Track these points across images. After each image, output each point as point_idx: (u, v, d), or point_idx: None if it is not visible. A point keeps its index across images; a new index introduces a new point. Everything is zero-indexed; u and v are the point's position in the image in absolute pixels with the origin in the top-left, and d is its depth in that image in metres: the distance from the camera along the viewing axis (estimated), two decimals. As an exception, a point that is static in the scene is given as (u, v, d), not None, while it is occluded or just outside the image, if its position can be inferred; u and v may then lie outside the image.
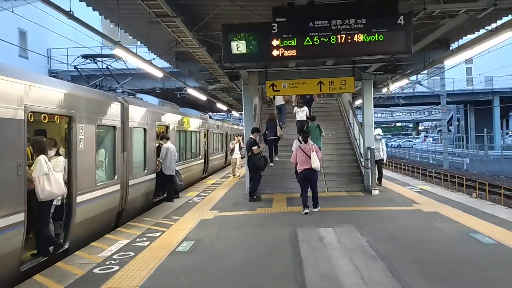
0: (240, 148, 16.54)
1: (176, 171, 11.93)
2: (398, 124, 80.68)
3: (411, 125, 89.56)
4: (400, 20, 6.42)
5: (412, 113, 64.06)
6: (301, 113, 13.99)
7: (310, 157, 9.11)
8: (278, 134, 13.14)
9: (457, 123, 51.81)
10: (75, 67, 11.82)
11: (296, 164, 9.48)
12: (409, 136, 78.74)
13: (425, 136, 72.81)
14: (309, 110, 14.49)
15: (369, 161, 11.64)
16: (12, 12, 15.49)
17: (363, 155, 12.46)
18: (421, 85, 31.29)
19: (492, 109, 39.13)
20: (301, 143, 9.58)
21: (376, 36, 6.49)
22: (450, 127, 47.90)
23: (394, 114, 66.92)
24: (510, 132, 51.56)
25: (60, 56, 22.69)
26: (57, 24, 15.94)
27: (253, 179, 11.26)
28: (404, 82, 14.73)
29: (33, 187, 6.49)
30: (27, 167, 6.82)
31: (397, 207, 9.69)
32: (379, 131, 13.04)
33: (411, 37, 6.50)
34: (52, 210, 6.78)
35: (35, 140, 6.74)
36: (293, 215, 9.18)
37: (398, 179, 15.22)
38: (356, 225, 7.82)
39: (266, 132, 13.17)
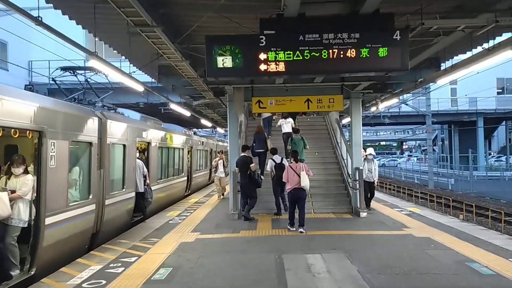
0: (224, 166, 15.42)
1: (147, 188, 11.41)
2: (382, 143, 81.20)
3: (395, 144, 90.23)
4: (396, 36, 6.10)
5: (396, 132, 64.50)
6: (287, 125, 13.88)
7: (300, 176, 9.22)
8: (268, 147, 12.79)
9: (441, 143, 52.21)
10: (53, 79, 11.35)
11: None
12: (393, 155, 79.20)
13: (409, 156, 73.23)
14: (294, 122, 14.47)
15: (357, 182, 11.25)
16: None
17: (351, 176, 12.09)
18: (406, 104, 31.38)
19: (476, 130, 39.48)
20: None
21: (371, 52, 6.15)
22: (434, 147, 48.18)
23: (378, 133, 67.30)
24: (492, 153, 52.09)
25: (42, 69, 22.12)
26: (39, 36, 15.47)
27: (251, 198, 10.97)
28: (393, 101, 14.51)
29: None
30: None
31: (388, 231, 9.30)
32: (371, 150, 12.48)
33: (407, 53, 6.18)
34: (17, 233, 6.23)
35: None
36: (278, 238, 8.73)
37: (386, 200, 14.89)
38: (345, 251, 7.39)
39: (254, 144, 12.95)
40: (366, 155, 12.14)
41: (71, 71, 10.96)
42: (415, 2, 6.76)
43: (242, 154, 11.50)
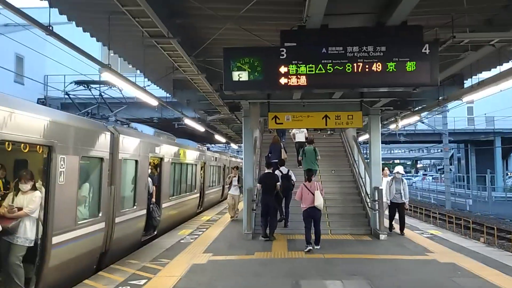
0: (238, 182, 14.09)
1: (154, 205, 11.12)
2: (397, 161, 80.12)
3: (409, 163, 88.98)
4: (426, 49, 5.73)
5: (411, 151, 63.52)
6: (300, 134, 13.95)
7: (314, 195, 9.28)
8: (282, 157, 12.80)
9: (457, 162, 51.19)
10: (66, 93, 11.20)
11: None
12: (408, 174, 78.02)
13: (424, 175, 72.05)
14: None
15: (377, 202, 10.79)
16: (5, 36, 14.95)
17: (369, 195, 11.63)
18: (422, 122, 30.80)
19: (494, 150, 38.59)
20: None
21: (398, 65, 5.79)
22: (450, 166, 47.25)
23: (393, 151, 66.41)
24: (510, 173, 50.86)
25: (57, 83, 22.21)
26: (55, 50, 15.51)
27: (273, 217, 10.69)
28: (414, 119, 14.05)
29: (5, 225, 5.71)
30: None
31: (410, 255, 8.81)
32: (399, 169, 11.56)
33: (437, 68, 5.80)
34: (23, 252, 5.93)
35: None
36: (295, 261, 8.31)
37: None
38: (367, 278, 6.94)
39: (269, 155, 12.99)
40: (394, 174, 11.44)
41: (85, 85, 10.79)
42: (444, 14, 6.44)
43: (267, 170, 11.19)
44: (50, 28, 5.29)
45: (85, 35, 8.10)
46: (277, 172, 11.41)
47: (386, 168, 11.63)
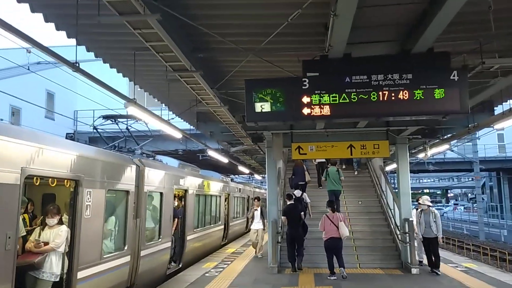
0: (262, 215, 12.99)
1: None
2: (426, 190, 77.97)
3: (439, 192, 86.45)
4: (454, 76, 5.59)
5: (441, 180, 61.76)
6: None
7: (337, 226, 9.55)
8: (306, 179, 13.14)
9: (489, 191, 49.42)
10: (94, 127, 11.43)
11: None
12: (439, 204, 75.66)
13: (455, 204, 69.69)
14: None
15: (407, 234, 10.40)
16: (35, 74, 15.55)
17: (399, 227, 11.24)
18: (452, 151, 30.02)
19: (527, 177, 37.15)
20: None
21: (426, 93, 5.65)
22: (482, 196, 45.61)
23: (422, 180, 64.73)
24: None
25: (86, 118, 22.86)
26: (84, 87, 16.01)
27: (301, 247, 10.64)
28: (443, 147, 13.65)
29: (31, 260, 5.72)
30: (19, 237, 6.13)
31: (445, 291, 8.37)
32: (425, 199, 10.53)
33: (467, 94, 5.63)
34: (48, 288, 5.92)
35: None
36: (323, 297, 7.99)
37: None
38: (400, 316, 6.57)
39: (293, 177, 13.13)
40: (420, 205, 10.52)
41: (113, 119, 11.00)
42: (472, 40, 6.33)
43: (289, 202, 11.02)
44: (77, 64, 5.43)
45: (114, 71, 8.33)
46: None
47: (422, 198, 10.59)
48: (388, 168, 18.20)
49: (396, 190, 12.29)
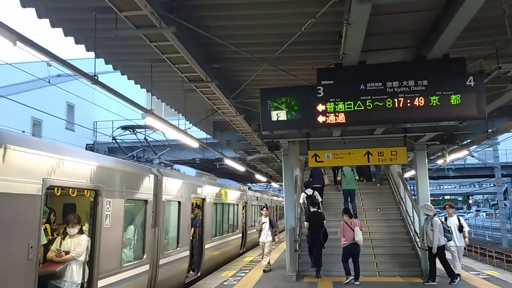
0: (272, 226, 11.87)
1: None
2: (447, 197, 76.53)
3: (460, 199, 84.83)
4: (470, 81, 5.55)
5: (462, 186, 60.60)
6: None
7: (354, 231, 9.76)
8: (325, 182, 13.54)
9: (512, 196, 48.34)
10: (113, 138, 11.63)
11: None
12: (460, 210, 74.27)
13: (477, 211, 68.27)
14: None
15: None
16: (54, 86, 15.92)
17: (418, 235, 11.08)
18: (472, 156, 29.48)
19: (551, 182, 36.18)
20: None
21: (442, 99, 5.62)
22: (505, 201, 44.58)
23: (442, 187, 63.64)
24: None
25: (105, 129, 23.26)
26: (103, 98, 16.35)
27: (318, 252, 10.73)
28: (462, 153, 13.42)
29: (53, 269, 5.84)
30: (41, 246, 6.26)
31: (467, 299, 8.20)
32: (423, 207, 10.22)
33: (484, 100, 5.58)
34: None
35: None
36: (342, 306, 7.91)
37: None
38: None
39: (310, 179, 13.38)
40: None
41: (131, 130, 11.18)
42: (488, 45, 6.27)
43: (313, 209, 11.17)
44: (95, 77, 5.58)
45: (132, 82, 8.49)
46: (302, 194, 12.40)
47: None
48: (407, 174, 17.98)
49: (415, 197, 12.14)
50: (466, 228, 10.06)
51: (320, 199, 12.31)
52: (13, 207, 4.71)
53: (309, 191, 12.20)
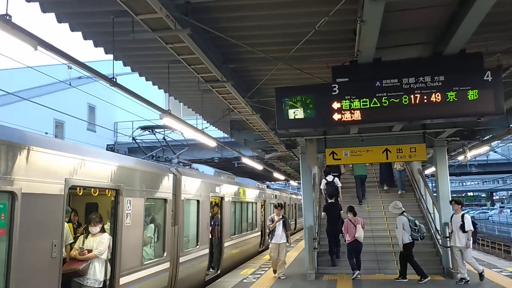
0: (284, 227, 10.63)
1: None
2: (470, 193, 75.20)
3: (483, 195, 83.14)
4: (488, 76, 5.48)
5: (485, 182, 59.43)
6: None
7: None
8: (342, 171, 14.17)
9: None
10: (133, 138, 11.83)
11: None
12: (483, 207, 72.78)
13: (501, 207, 66.81)
14: None
15: (448, 239, 10.12)
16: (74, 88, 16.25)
17: (439, 232, 10.95)
18: (495, 152, 28.85)
19: None
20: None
21: (459, 95, 5.56)
22: (531, 197, 43.46)
23: (465, 183, 62.58)
24: None
25: (125, 129, 23.64)
26: (123, 100, 16.64)
27: (337, 241, 11.37)
28: (483, 149, 13.18)
29: (76, 267, 6.01)
30: (67, 245, 6.44)
31: (489, 297, 8.08)
32: (392, 205, 10.36)
33: (502, 95, 5.51)
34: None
35: None
36: (361, 304, 7.89)
37: (481, 259, 13.25)
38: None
39: (327, 168, 13.66)
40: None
41: (150, 130, 11.35)
42: (505, 40, 6.17)
43: (330, 201, 11.82)
44: (114, 79, 5.71)
45: (145, 81, 8.62)
46: (323, 180, 12.69)
47: (453, 202, 9.95)
48: (428, 171, 17.74)
49: (436, 194, 12.00)
50: (468, 228, 9.31)
51: (339, 185, 12.70)
52: (37, 206, 4.86)
53: (330, 178, 12.46)
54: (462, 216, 9.51)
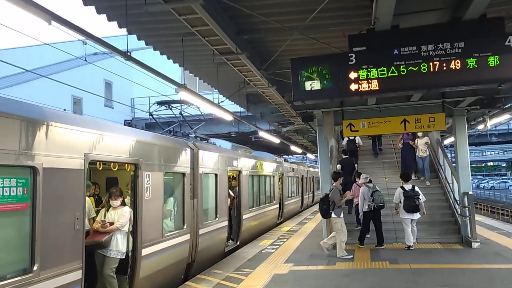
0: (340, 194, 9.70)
1: None
2: (490, 163, 74.09)
3: (504, 165, 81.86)
4: (509, 42, 5.28)
5: (506, 152, 58.42)
6: None
7: None
8: (359, 143, 14.30)
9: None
10: (150, 114, 11.91)
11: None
12: (504, 177, 71.77)
13: (522, 177, 65.83)
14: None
15: (467, 208, 10.07)
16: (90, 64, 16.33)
17: (458, 201, 10.88)
18: (517, 120, 28.16)
19: None
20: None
21: (479, 61, 5.40)
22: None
23: (485, 153, 61.63)
24: None
25: (142, 105, 23.79)
26: (140, 75, 16.68)
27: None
28: (504, 117, 12.89)
29: (99, 239, 6.19)
30: (90, 219, 6.63)
31: (508, 264, 8.08)
32: (363, 176, 10.81)
33: (523, 60, 5.33)
34: (115, 264, 6.37)
35: None
36: (379, 272, 7.99)
37: (500, 228, 13.16)
38: (460, 290, 6.47)
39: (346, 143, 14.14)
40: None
41: (167, 105, 11.40)
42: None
43: (345, 156, 13.01)
44: (128, 53, 5.71)
45: (160, 55, 8.58)
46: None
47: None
48: (446, 141, 17.49)
49: (455, 164, 11.86)
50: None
51: (361, 143, 13.78)
52: (58, 181, 4.98)
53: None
54: (413, 186, 10.30)
